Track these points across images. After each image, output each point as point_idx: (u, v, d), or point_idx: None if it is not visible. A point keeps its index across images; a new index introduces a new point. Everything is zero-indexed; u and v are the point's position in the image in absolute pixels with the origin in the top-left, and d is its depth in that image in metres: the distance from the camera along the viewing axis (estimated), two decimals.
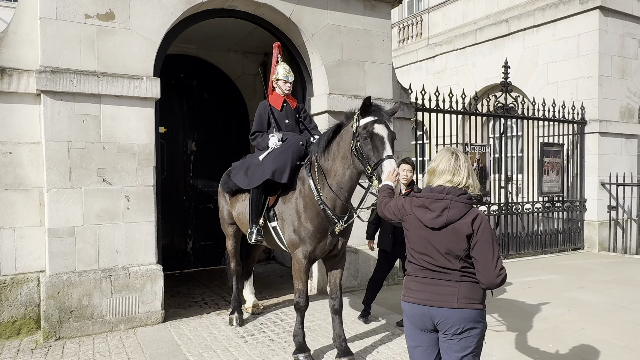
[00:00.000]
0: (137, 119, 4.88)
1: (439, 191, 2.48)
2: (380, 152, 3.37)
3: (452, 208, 2.41)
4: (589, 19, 9.44)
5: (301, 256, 3.93)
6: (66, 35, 4.57)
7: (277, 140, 4.39)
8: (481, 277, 2.38)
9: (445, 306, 2.40)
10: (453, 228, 2.40)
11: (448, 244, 2.40)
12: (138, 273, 4.87)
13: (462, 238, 2.38)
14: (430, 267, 2.46)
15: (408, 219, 2.58)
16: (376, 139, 3.40)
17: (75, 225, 4.63)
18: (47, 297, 4.49)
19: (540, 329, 4.78)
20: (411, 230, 2.55)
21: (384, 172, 3.29)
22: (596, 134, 9.36)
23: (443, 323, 2.42)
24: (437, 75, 12.80)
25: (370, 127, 3.42)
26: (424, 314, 2.46)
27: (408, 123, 7.23)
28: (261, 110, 4.69)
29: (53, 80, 4.47)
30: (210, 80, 8.07)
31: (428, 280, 2.47)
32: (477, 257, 2.38)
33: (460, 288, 2.40)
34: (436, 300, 2.42)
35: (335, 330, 4.06)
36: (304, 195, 3.96)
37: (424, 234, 2.48)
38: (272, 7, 5.59)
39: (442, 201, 2.44)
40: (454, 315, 2.39)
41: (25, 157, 4.68)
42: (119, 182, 4.81)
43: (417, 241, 2.51)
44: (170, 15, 5.04)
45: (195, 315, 5.25)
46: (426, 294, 2.45)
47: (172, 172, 7.69)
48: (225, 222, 5.09)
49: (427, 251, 2.47)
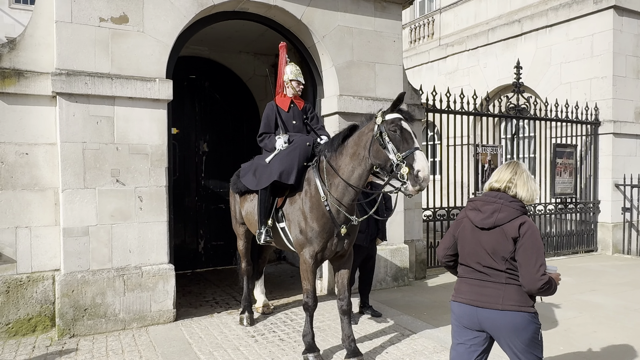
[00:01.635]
0: (149, 120, 4.96)
1: (492, 195, 2.64)
2: (410, 144, 3.48)
3: (502, 211, 2.54)
4: (603, 18, 9.34)
5: (308, 256, 3.97)
6: (81, 38, 4.65)
7: (284, 142, 4.43)
8: (523, 280, 2.45)
9: (491, 307, 2.50)
10: (501, 230, 2.52)
11: (495, 244, 2.51)
12: (150, 272, 4.93)
13: (509, 240, 2.48)
14: (478, 268, 2.58)
15: (460, 224, 2.73)
16: (405, 133, 3.52)
17: (89, 224, 4.71)
18: (62, 295, 4.58)
19: (551, 332, 4.75)
20: (464, 232, 2.68)
21: (416, 161, 3.38)
22: (610, 134, 9.25)
23: (490, 325, 2.51)
24: (448, 75, 12.75)
25: (398, 121, 3.55)
26: (472, 314, 2.57)
27: (418, 124, 7.21)
28: (268, 112, 4.72)
29: (68, 83, 4.56)
30: (222, 82, 8.14)
31: (476, 282, 2.59)
32: (520, 261, 2.46)
33: (505, 290, 2.49)
34: (482, 301, 2.52)
35: (344, 331, 4.08)
36: (310, 196, 4.00)
37: (474, 234, 2.61)
38: (283, 9, 5.63)
39: (493, 204, 2.58)
40: (499, 317, 2.48)
41: (41, 158, 4.78)
42: (132, 183, 4.88)
43: (469, 242, 2.64)
44: (183, 18, 5.10)
45: (206, 315, 5.30)
46: (473, 295, 2.57)
47: (184, 173, 7.77)
48: (237, 222, 5.15)
49: (476, 251, 2.59)
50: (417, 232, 7.12)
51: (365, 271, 5.30)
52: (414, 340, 4.51)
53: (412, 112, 6.88)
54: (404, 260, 6.53)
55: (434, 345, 4.37)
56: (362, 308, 5.30)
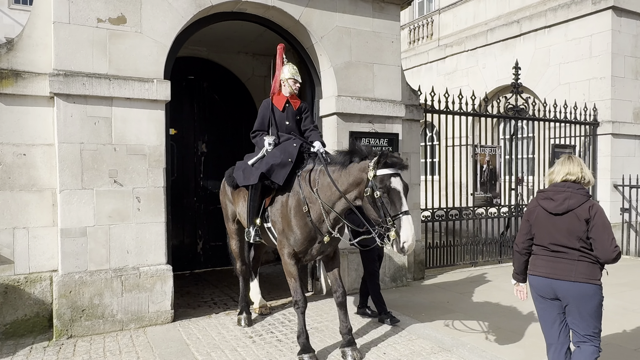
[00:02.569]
0: (147, 121, 4.96)
1: (561, 186, 3.09)
2: (398, 207, 3.53)
3: (572, 198, 3.01)
4: (601, 19, 9.34)
5: (286, 255, 4.11)
6: (79, 39, 4.65)
7: (269, 143, 4.46)
8: (598, 253, 2.92)
9: (564, 279, 2.98)
10: (573, 214, 2.98)
11: (569, 226, 2.99)
12: (148, 273, 4.93)
13: (581, 222, 2.95)
14: (552, 248, 3.05)
15: (533, 212, 3.17)
16: (393, 194, 3.54)
17: (87, 225, 4.71)
18: (60, 296, 4.58)
19: None
20: (537, 219, 3.14)
21: (402, 229, 3.48)
22: (609, 135, 9.25)
23: (563, 294, 3.01)
24: (447, 76, 12.75)
25: (387, 180, 3.55)
26: (547, 284, 3.06)
27: (417, 125, 7.22)
28: (264, 109, 4.76)
29: (66, 84, 4.56)
30: (221, 82, 8.15)
31: (550, 259, 3.06)
32: (594, 237, 2.92)
33: (577, 265, 2.96)
34: (556, 274, 3.01)
35: (342, 322, 4.15)
36: (295, 202, 4.07)
37: (549, 220, 3.07)
38: (281, 10, 5.63)
39: (563, 193, 3.05)
40: (571, 287, 2.96)
41: (38, 159, 4.78)
42: (130, 184, 4.88)
43: (544, 226, 3.10)
44: (181, 18, 5.10)
45: (204, 315, 5.30)
46: (549, 269, 3.05)
47: (183, 173, 7.77)
48: (228, 220, 5.16)
49: (551, 233, 3.05)
50: (415, 232, 7.11)
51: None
52: (411, 341, 4.51)
53: (410, 111, 6.91)
54: (402, 260, 6.53)
55: (432, 346, 4.37)
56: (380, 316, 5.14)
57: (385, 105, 6.30)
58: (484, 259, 8.23)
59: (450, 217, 7.86)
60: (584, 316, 2.98)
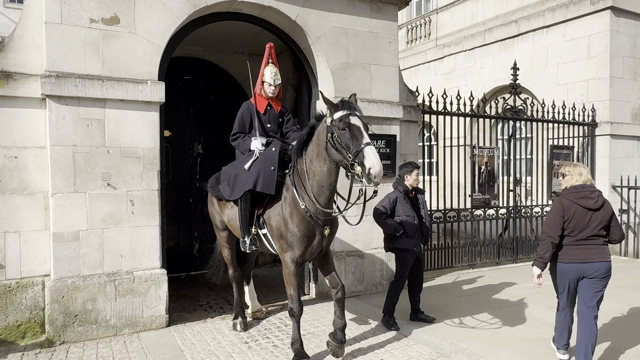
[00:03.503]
0: (141, 123, 4.88)
1: (588, 186, 3.86)
2: (360, 140, 3.50)
3: (601, 197, 3.84)
4: (600, 19, 9.30)
5: (289, 260, 3.99)
6: (71, 40, 4.57)
7: (261, 144, 4.40)
8: (616, 236, 3.89)
9: (596, 261, 3.77)
10: (605, 208, 3.81)
11: (602, 218, 3.80)
12: (142, 277, 4.86)
13: (608, 214, 3.83)
14: (585, 238, 3.79)
15: (570, 209, 3.81)
16: (354, 129, 3.53)
17: (80, 229, 4.63)
18: (52, 301, 4.50)
19: (547, 337, 4.68)
20: (578, 215, 3.80)
21: (366, 158, 3.42)
22: (607, 136, 9.22)
23: (596, 271, 3.78)
24: (445, 76, 12.70)
25: (345, 118, 3.56)
26: (579, 268, 3.81)
27: (415, 126, 7.16)
28: (244, 111, 4.69)
29: (58, 85, 4.48)
30: (217, 83, 8.07)
31: (583, 247, 3.80)
32: (614, 225, 3.87)
33: (604, 249, 3.83)
34: (589, 258, 3.78)
35: (337, 317, 4.07)
36: (289, 202, 4.01)
37: (588, 214, 3.79)
38: (277, 10, 5.56)
39: (595, 192, 3.83)
40: (603, 266, 3.78)
41: (30, 162, 4.70)
42: (124, 187, 4.81)
43: (582, 220, 3.79)
44: (175, 19, 5.03)
45: (199, 320, 5.23)
46: (584, 255, 3.79)
47: (179, 175, 7.70)
48: (218, 228, 5.06)
49: (589, 225, 3.78)
50: None
51: (417, 277, 5.17)
52: (409, 346, 4.45)
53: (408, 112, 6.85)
54: None
55: (430, 352, 4.31)
56: (414, 314, 5.15)
57: (382, 107, 6.24)
58: (482, 260, 8.18)
59: (448, 218, 7.81)
60: (598, 287, 3.81)
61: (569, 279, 3.88)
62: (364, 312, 5.48)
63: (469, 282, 6.98)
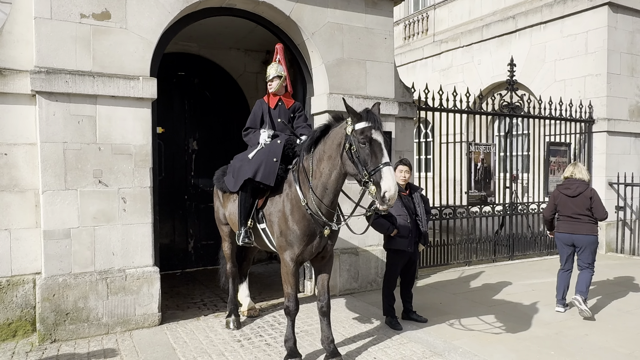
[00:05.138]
0: (133, 119, 4.83)
1: (574, 180, 5.32)
2: (379, 158, 3.39)
3: (580, 187, 5.24)
4: (597, 15, 9.25)
5: (288, 259, 3.91)
6: (61, 35, 4.51)
7: (267, 136, 4.39)
8: (597, 215, 5.22)
9: (581, 233, 5.23)
10: (583, 195, 5.23)
11: (580, 203, 5.23)
12: (134, 275, 4.82)
13: (587, 199, 5.20)
14: (572, 216, 5.27)
15: (558, 196, 5.41)
16: (374, 145, 3.41)
17: (71, 227, 4.59)
18: (43, 300, 4.46)
19: (542, 335, 4.68)
20: (563, 200, 5.34)
21: (383, 179, 3.33)
22: (604, 133, 9.19)
23: (580, 243, 5.26)
24: (442, 72, 12.65)
25: (367, 132, 3.42)
26: (569, 238, 5.32)
27: (410, 122, 7.12)
28: (256, 108, 4.74)
29: (48, 81, 4.42)
30: (212, 79, 8.01)
31: (571, 222, 5.29)
32: (595, 207, 5.20)
33: (589, 225, 5.22)
34: (576, 231, 5.25)
35: (324, 332, 4.05)
36: (290, 199, 3.93)
37: (569, 200, 5.28)
38: (271, 5, 5.50)
39: (575, 183, 5.29)
40: (586, 238, 5.23)
41: (20, 159, 4.64)
42: (115, 184, 4.76)
43: (565, 204, 5.32)
44: (167, 14, 4.97)
45: (193, 317, 5.20)
46: (570, 228, 5.29)
47: (174, 172, 7.65)
48: (220, 222, 5.04)
49: (571, 208, 5.27)
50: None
51: (408, 277, 5.12)
52: (402, 344, 4.43)
53: (403, 109, 6.81)
54: None
55: (423, 350, 4.29)
56: (405, 314, 5.10)
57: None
58: (478, 258, 8.16)
59: (444, 215, 7.78)
60: (587, 253, 5.25)
61: (563, 244, 5.40)
62: (358, 310, 5.46)
63: (464, 280, 6.96)
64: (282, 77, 4.69)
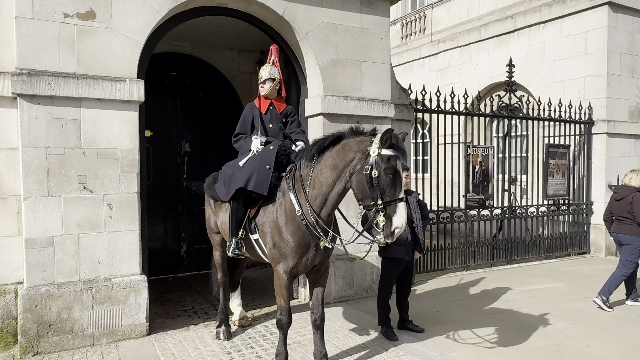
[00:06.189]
0: (119, 123, 4.66)
1: (621, 187, 5.97)
2: (397, 191, 3.29)
3: (625, 191, 5.82)
4: (597, 15, 9.10)
5: (282, 272, 3.74)
6: (44, 36, 4.34)
7: (260, 143, 4.22)
8: (637, 218, 5.66)
9: (624, 233, 5.79)
10: (624, 200, 5.77)
11: (622, 206, 5.79)
12: (121, 284, 4.66)
13: (628, 203, 5.72)
14: (618, 217, 5.86)
15: (610, 200, 6.07)
16: (397, 177, 3.29)
17: (55, 235, 4.42)
18: (25, 311, 4.29)
19: (542, 346, 4.53)
20: (611, 205, 6.00)
21: (397, 214, 3.25)
22: (604, 134, 9.05)
23: (622, 241, 5.82)
24: (440, 72, 12.49)
25: (394, 161, 3.28)
26: (616, 236, 5.93)
27: (407, 125, 6.96)
28: (246, 112, 4.55)
29: (30, 83, 4.25)
30: (205, 79, 7.84)
31: (617, 223, 5.88)
32: (635, 211, 5.66)
33: (631, 227, 5.73)
34: (621, 231, 5.82)
35: (317, 346, 3.91)
36: (284, 208, 3.75)
37: (614, 203, 5.93)
38: (264, 5, 5.34)
39: (620, 189, 5.94)
40: (629, 238, 5.76)
41: (1, 164, 4.47)
42: (101, 190, 4.59)
43: (613, 207, 5.95)
44: (155, 14, 4.80)
45: (182, 327, 5.04)
46: (616, 228, 5.89)
47: (165, 174, 7.48)
48: (212, 231, 4.87)
49: (616, 210, 5.88)
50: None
51: (404, 285, 4.96)
52: (398, 357, 4.28)
53: (400, 111, 6.66)
54: None
55: None
56: (402, 323, 4.94)
57: (373, 105, 6.03)
58: (476, 262, 8.01)
59: (442, 219, 7.63)
60: (627, 251, 5.78)
61: (615, 242, 6.07)
62: (352, 319, 5.30)
63: (462, 286, 6.82)
64: (275, 79, 4.52)
